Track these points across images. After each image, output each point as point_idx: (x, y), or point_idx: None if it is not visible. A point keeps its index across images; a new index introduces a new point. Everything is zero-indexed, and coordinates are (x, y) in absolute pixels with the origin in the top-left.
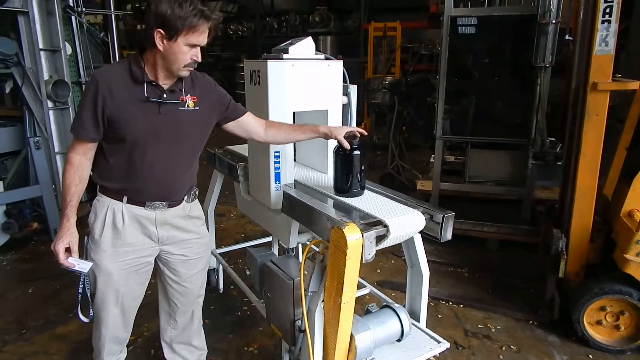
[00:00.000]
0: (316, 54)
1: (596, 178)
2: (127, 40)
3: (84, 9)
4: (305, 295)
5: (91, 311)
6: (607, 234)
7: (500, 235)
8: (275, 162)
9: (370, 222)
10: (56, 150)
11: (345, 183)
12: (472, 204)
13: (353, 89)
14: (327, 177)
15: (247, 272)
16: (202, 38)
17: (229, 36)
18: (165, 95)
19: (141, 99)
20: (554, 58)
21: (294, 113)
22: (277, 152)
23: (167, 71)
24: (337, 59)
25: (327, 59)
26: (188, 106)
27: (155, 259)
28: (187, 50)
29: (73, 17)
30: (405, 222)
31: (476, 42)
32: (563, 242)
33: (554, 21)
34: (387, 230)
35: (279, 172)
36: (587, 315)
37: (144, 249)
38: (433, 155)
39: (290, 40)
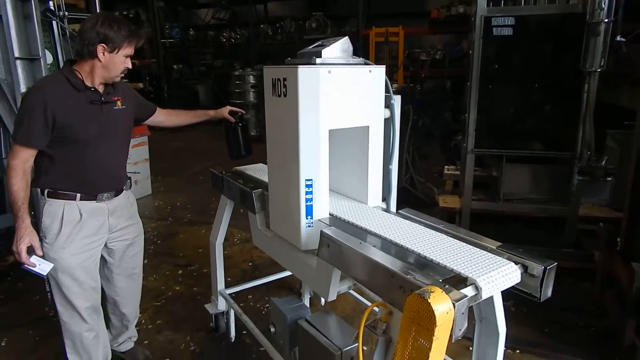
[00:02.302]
0: (352, 57)
1: None
2: None
3: (66, 13)
4: None
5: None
6: None
7: None
8: (306, 193)
9: (450, 279)
10: None
11: (235, 150)
12: (504, 224)
13: (397, 100)
14: (367, 208)
15: (272, 329)
16: (133, 50)
17: (221, 44)
18: (103, 98)
19: (87, 103)
20: (605, 62)
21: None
22: (309, 179)
23: (104, 78)
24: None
25: (366, 63)
26: (118, 105)
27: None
28: (124, 59)
29: (54, 22)
30: (498, 279)
31: (513, 44)
32: None
33: (606, 20)
34: (478, 293)
35: (311, 205)
36: None
37: (99, 239)
38: (447, 167)
39: (320, 42)
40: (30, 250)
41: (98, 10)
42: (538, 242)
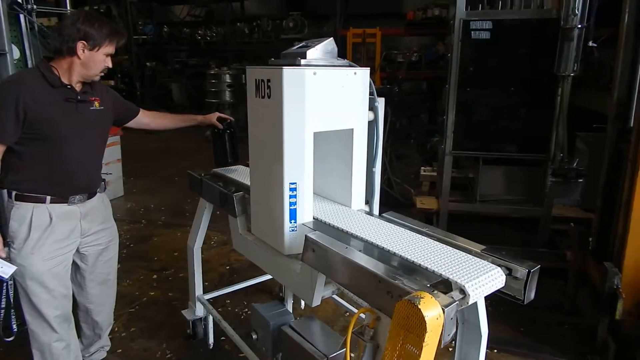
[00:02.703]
0: (337, 59)
1: None
2: None
3: (34, 7)
4: None
5: (14, 326)
6: None
7: None
8: (290, 196)
9: (437, 284)
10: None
11: (222, 156)
12: (480, 224)
13: (380, 103)
14: (351, 211)
15: (254, 336)
16: (114, 49)
17: (196, 42)
18: (79, 97)
19: (62, 100)
20: (579, 66)
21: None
22: (293, 182)
23: (82, 77)
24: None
25: (350, 65)
26: (95, 106)
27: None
28: (104, 58)
29: (21, 16)
30: (484, 283)
31: (491, 48)
32: (619, 279)
33: (579, 25)
34: (465, 298)
35: (295, 209)
36: None
37: (71, 244)
38: (423, 168)
39: (303, 42)
40: None
41: (68, 4)
42: (512, 242)
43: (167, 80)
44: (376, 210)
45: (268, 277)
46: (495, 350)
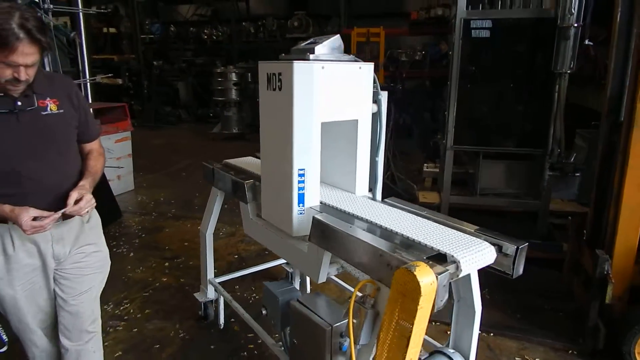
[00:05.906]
0: (343, 54)
1: None
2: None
3: (51, 6)
4: (354, 348)
5: (3, 336)
6: None
7: None
8: (299, 182)
9: (433, 257)
10: None
11: None
12: (479, 217)
13: (384, 96)
14: (356, 197)
15: (264, 312)
16: (20, 58)
17: (202, 41)
18: (19, 103)
19: None
20: (575, 64)
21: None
22: (301, 169)
23: None
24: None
25: (355, 60)
26: (51, 110)
27: None
28: (3, 66)
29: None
30: (476, 256)
31: (491, 46)
32: (609, 265)
33: (575, 24)
34: (458, 269)
35: (303, 194)
36: (639, 346)
37: (42, 268)
38: (425, 164)
39: (311, 39)
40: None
41: (80, 3)
42: (511, 235)
43: (173, 79)
44: (379, 197)
45: (275, 263)
46: (492, 334)
